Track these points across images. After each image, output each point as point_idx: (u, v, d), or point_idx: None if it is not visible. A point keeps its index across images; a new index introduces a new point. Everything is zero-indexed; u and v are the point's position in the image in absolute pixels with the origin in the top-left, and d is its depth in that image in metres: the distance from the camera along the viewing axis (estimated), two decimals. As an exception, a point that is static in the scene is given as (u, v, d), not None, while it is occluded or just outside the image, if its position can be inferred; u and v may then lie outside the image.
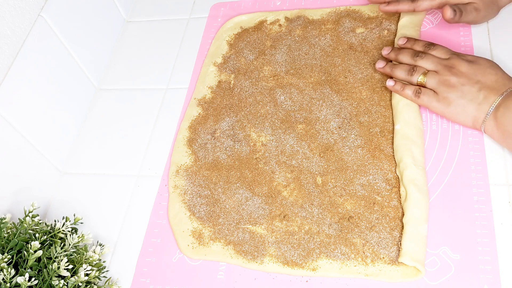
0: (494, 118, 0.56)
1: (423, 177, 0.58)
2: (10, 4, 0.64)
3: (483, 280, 0.52)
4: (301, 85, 0.71)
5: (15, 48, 0.64)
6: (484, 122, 0.57)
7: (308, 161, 0.64)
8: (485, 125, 0.57)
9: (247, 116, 0.70)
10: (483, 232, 0.54)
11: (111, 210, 0.67)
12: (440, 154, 0.61)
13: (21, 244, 0.54)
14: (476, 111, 0.58)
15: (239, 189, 0.63)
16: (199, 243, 0.61)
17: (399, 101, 0.63)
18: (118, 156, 0.72)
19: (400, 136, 0.61)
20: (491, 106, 0.56)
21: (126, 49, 0.85)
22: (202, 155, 0.68)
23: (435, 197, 0.58)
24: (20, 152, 0.64)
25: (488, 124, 0.57)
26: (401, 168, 0.59)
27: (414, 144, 0.60)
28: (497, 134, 0.57)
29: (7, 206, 0.62)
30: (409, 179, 0.57)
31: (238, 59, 0.76)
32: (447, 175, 0.59)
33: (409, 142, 0.60)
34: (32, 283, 0.50)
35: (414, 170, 0.58)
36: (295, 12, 0.79)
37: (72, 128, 0.75)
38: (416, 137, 0.61)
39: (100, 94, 0.80)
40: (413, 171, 0.58)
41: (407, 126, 0.61)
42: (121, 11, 0.87)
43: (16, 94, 0.64)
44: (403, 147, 0.60)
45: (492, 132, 0.57)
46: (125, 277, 0.61)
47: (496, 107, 0.56)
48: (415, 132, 0.61)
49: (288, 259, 0.57)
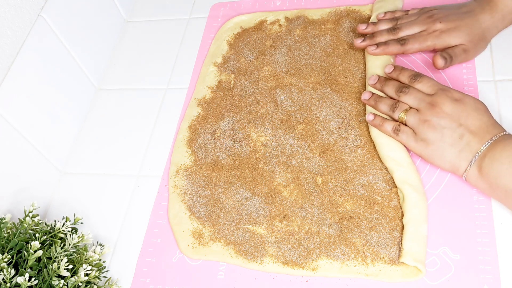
0: (478, 169, 0.53)
1: (414, 173, 0.58)
2: (10, 4, 0.64)
3: (483, 280, 0.52)
4: (301, 85, 0.71)
5: (15, 48, 0.64)
6: (467, 172, 0.54)
7: (308, 161, 0.64)
8: (467, 174, 0.54)
9: (247, 116, 0.70)
10: (483, 232, 0.54)
11: (111, 210, 0.67)
12: (440, 154, 0.61)
13: (21, 244, 0.54)
14: (455, 158, 0.54)
15: (239, 189, 0.63)
16: (199, 243, 0.61)
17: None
18: (118, 156, 0.72)
19: (377, 147, 0.61)
20: (474, 156, 0.53)
21: (126, 49, 0.85)
22: (202, 155, 0.68)
23: (435, 197, 0.58)
24: (20, 152, 0.64)
25: (471, 174, 0.53)
26: (390, 173, 0.59)
27: (388, 147, 0.60)
28: (483, 185, 0.53)
29: (7, 206, 0.62)
30: (401, 180, 0.57)
31: (238, 59, 0.76)
32: (447, 175, 0.59)
33: (386, 149, 0.60)
34: (32, 283, 0.50)
35: (401, 171, 0.58)
36: (295, 12, 0.79)
37: (72, 128, 0.75)
38: (389, 140, 0.60)
39: (100, 94, 0.80)
40: (401, 171, 0.58)
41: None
42: (121, 11, 0.87)
43: (16, 94, 0.64)
44: (382, 155, 0.60)
45: (476, 182, 0.54)
46: (125, 277, 0.61)
47: (481, 157, 0.52)
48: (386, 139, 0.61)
49: (288, 259, 0.57)
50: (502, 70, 0.65)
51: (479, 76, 0.65)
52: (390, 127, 0.59)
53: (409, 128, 0.58)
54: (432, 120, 0.56)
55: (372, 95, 0.63)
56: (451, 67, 0.65)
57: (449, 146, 0.55)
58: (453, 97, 0.56)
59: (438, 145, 0.55)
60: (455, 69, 0.66)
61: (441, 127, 0.55)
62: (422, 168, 0.60)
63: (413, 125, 0.57)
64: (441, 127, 0.55)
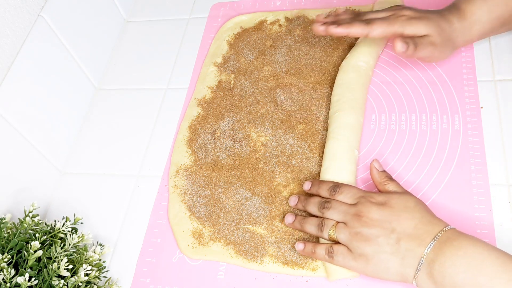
0: (428, 276, 0.47)
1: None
2: (10, 4, 0.64)
3: (483, 280, 0.52)
4: (301, 85, 0.71)
5: (15, 48, 0.64)
6: (416, 280, 0.48)
7: (308, 161, 0.64)
8: (417, 282, 0.48)
9: (247, 116, 0.70)
10: (483, 232, 0.54)
11: (111, 210, 0.67)
12: (440, 154, 0.61)
13: (21, 244, 0.54)
14: (400, 267, 0.48)
15: (239, 189, 0.63)
16: (199, 243, 0.61)
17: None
18: (118, 156, 0.72)
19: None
20: (419, 261, 0.47)
21: (126, 49, 0.85)
22: (202, 155, 0.68)
23: (435, 197, 0.58)
24: (20, 152, 0.64)
25: (423, 282, 0.48)
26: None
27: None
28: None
29: (7, 206, 0.62)
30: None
31: (238, 59, 0.76)
32: (447, 175, 0.59)
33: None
34: (32, 283, 0.50)
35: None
36: (295, 12, 0.79)
37: (72, 128, 0.75)
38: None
39: (100, 94, 0.80)
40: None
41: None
42: (121, 11, 0.87)
43: (16, 94, 0.64)
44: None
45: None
46: (125, 277, 0.61)
47: (428, 263, 0.47)
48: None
49: (288, 259, 0.57)
50: (502, 70, 0.65)
51: (479, 76, 0.65)
52: (323, 252, 0.53)
53: (343, 246, 0.52)
54: (363, 231, 0.50)
55: (295, 217, 0.58)
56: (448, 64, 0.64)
57: (390, 255, 0.49)
58: (377, 202, 0.52)
59: (379, 258, 0.49)
60: (455, 69, 0.66)
61: (374, 236, 0.50)
62: (422, 168, 0.60)
63: (345, 241, 0.51)
64: (375, 236, 0.50)
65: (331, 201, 0.54)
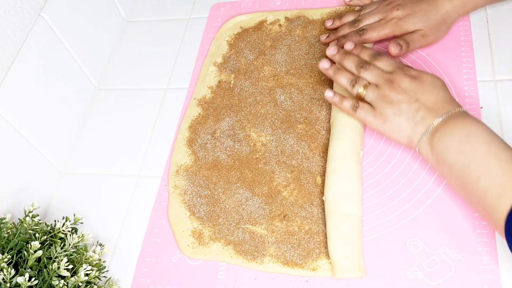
0: (429, 142, 0.53)
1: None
2: (10, 4, 0.64)
3: (483, 280, 0.52)
4: (301, 85, 0.71)
5: (15, 48, 0.64)
6: (419, 143, 0.55)
7: (308, 161, 0.64)
8: (420, 146, 0.55)
9: (247, 116, 0.70)
10: (483, 232, 0.54)
11: (111, 210, 0.67)
12: (440, 154, 0.61)
13: (21, 244, 0.54)
14: (411, 131, 0.55)
15: (239, 189, 0.63)
16: (199, 243, 0.61)
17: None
18: (118, 156, 0.72)
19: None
20: (427, 129, 0.54)
21: (126, 49, 0.85)
22: (202, 155, 0.68)
23: (435, 197, 0.58)
24: (20, 152, 0.64)
25: (423, 147, 0.54)
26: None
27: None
28: (431, 159, 0.54)
29: (7, 206, 0.62)
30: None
31: (238, 59, 0.76)
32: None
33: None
34: (32, 283, 0.50)
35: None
36: (295, 12, 0.79)
37: (72, 128, 0.75)
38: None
39: (100, 94, 0.80)
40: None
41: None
42: (121, 11, 0.87)
43: (16, 94, 0.64)
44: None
45: (427, 155, 0.54)
46: (125, 277, 0.61)
47: (433, 131, 0.53)
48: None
49: (288, 259, 0.57)
50: (502, 70, 0.65)
51: (479, 76, 0.65)
52: (349, 105, 0.59)
53: (367, 104, 0.58)
54: (390, 95, 0.56)
55: (331, 64, 0.62)
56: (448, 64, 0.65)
57: (406, 120, 0.55)
58: (410, 74, 0.57)
59: (396, 120, 0.56)
60: (455, 69, 0.66)
61: (398, 101, 0.56)
62: (422, 168, 0.60)
63: (372, 100, 0.58)
64: (399, 101, 0.56)
65: (369, 64, 0.60)
